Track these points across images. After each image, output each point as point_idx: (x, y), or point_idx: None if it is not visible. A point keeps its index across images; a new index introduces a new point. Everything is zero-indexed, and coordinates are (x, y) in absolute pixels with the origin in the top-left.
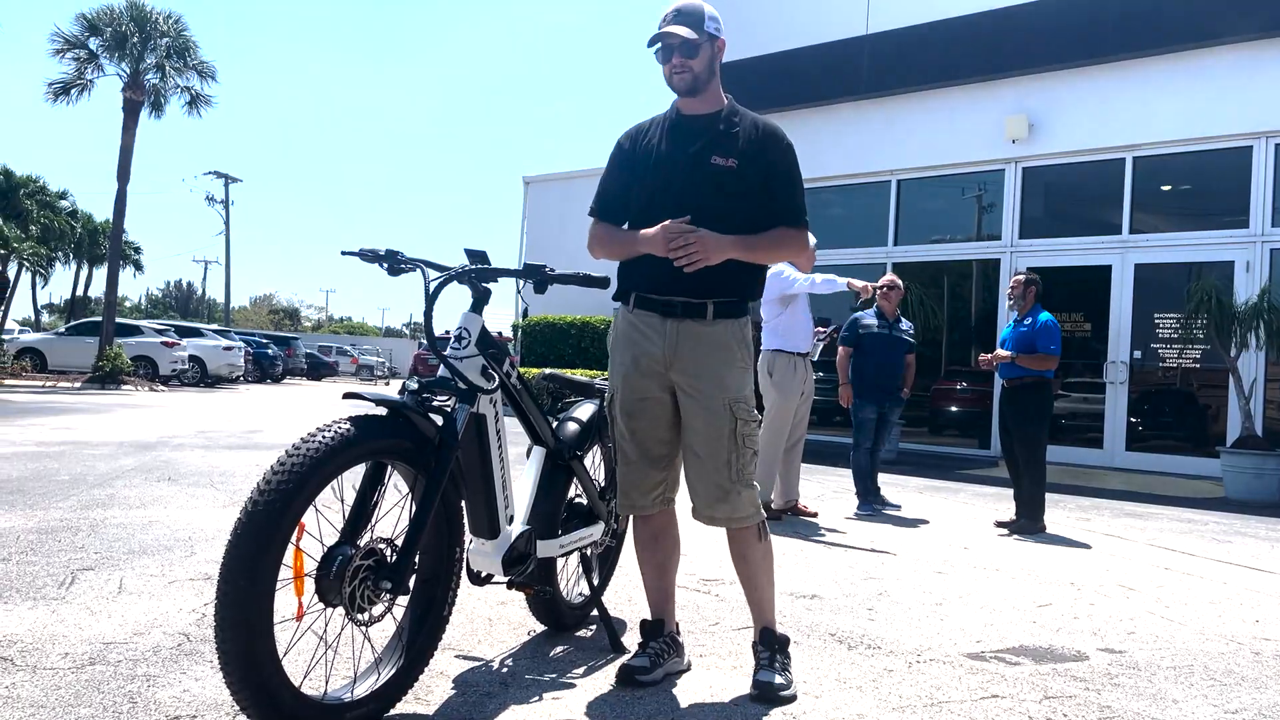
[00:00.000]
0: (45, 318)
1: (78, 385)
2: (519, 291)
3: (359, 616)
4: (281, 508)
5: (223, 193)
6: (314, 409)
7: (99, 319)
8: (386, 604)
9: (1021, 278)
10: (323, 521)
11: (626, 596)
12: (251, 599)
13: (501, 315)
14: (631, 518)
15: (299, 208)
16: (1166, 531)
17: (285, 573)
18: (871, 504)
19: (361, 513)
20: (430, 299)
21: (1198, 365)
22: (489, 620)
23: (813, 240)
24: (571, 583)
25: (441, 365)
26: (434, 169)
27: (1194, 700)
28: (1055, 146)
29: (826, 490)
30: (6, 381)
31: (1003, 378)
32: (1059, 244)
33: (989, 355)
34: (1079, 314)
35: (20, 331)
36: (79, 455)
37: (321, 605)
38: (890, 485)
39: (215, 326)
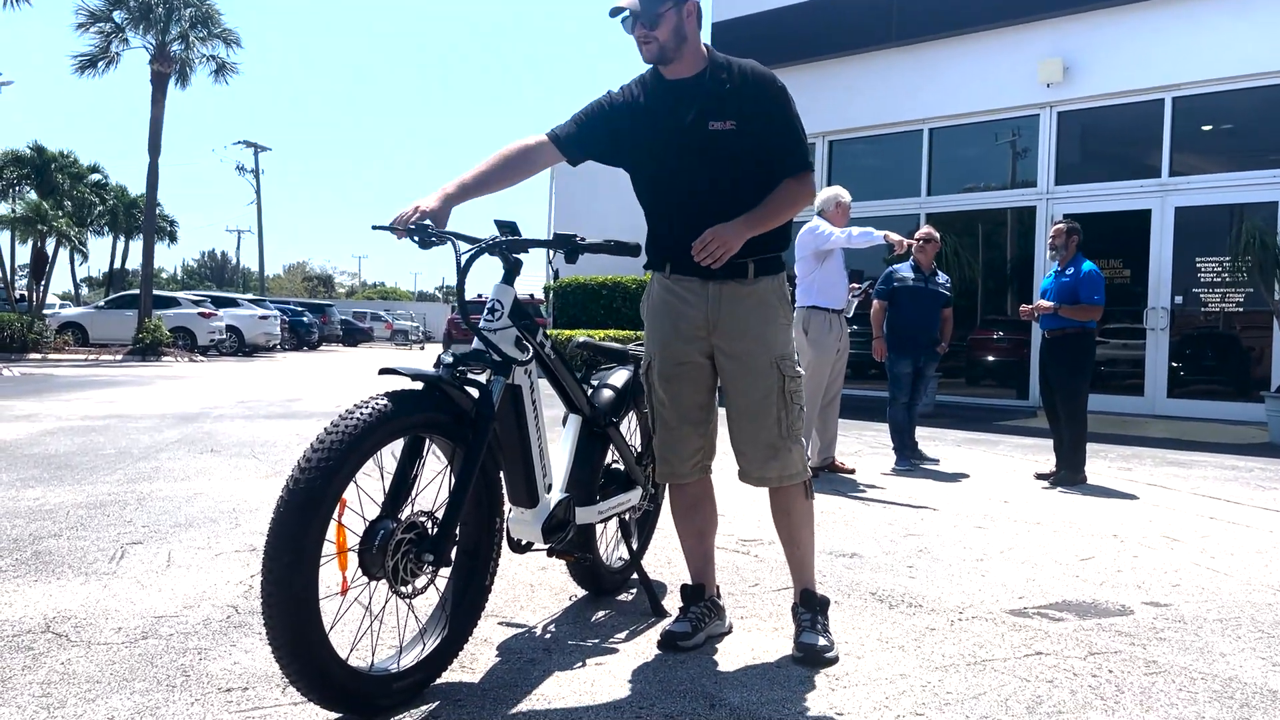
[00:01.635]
0: (85, 291)
1: (119, 358)
2: (549, 261)
3: (402, 589)
4: (323, 485)
5: (252, 162)
6: (350, 376)
7: (137, 292)
8: (429, 576)
9: (1063, 226)
10: (364, 495)
11: (665, 559)
12: (296, 576)
13: (532, 278)
14: (668, 486)
15: (329, 174)
16: (1210, 479)
17: (329, 548)
18: (909, 459)
19: (402, 486)
20: (462, 272)
21: (1241, 309)
22: (531, 586)
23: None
24: (611, 547)
25: (475, 337)
26: (464, 131)
27: (1242, 654)
28: (1091, 89)
29: (864, 445)
30: (51, 356)
31: (1044, 329)
32: (1096, 189)
33: (1030, 306)
34: (1118, 260)
35: (61, 306)
36: (123, 429)
37: (365, 579)
38: (928, 439)
39: (250, 296)
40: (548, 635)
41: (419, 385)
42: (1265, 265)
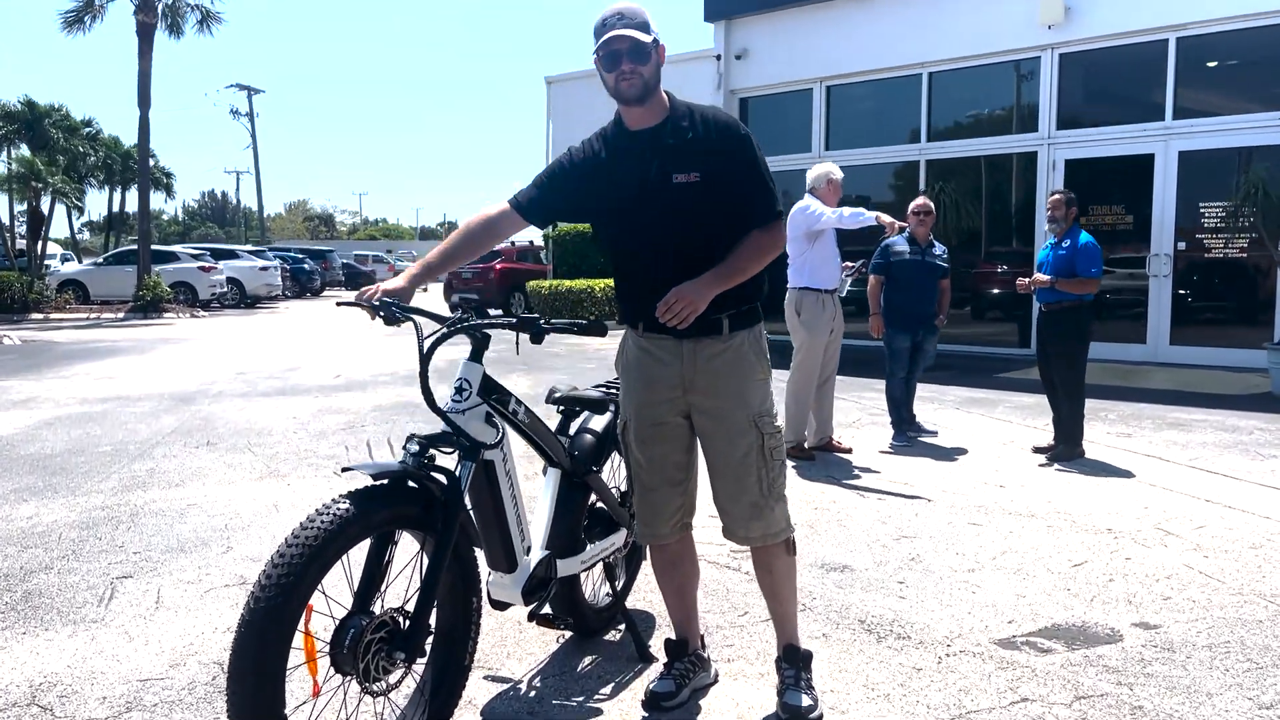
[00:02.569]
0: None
1: (120, 316)
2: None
3: (374, 688)
4: (282, 603)
5: (246, 105)
6: (349, 333)
7: (135, 248)
8: (403, 670)
9: (1061, 197)
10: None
11: (653, 585)
12: (260, 698)
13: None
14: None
15: (324, 114)
16: (1209, 446)
17: (299, 651)
18: (906, 434)
19: (372, 579)
20: (424, 359)
21: (1244, 255)
22: (519, 624)
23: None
24: (597, 584)
25: (442, 420)
26: (459, 69)
27: (1229, 693)
28: (1093, 30)
29: (863, 413)
30: (53, 316)
31: (1041, 302)
32: (1099, 133)
33: (1027, 280)
34: (1120, 206)
35: (62, 258)
36: (120, 416)
37: (338, 675)
38: (928, 400)
39: (250, 247)
40: (532, 693)
41: (384, 480)
42: (1268, 215)
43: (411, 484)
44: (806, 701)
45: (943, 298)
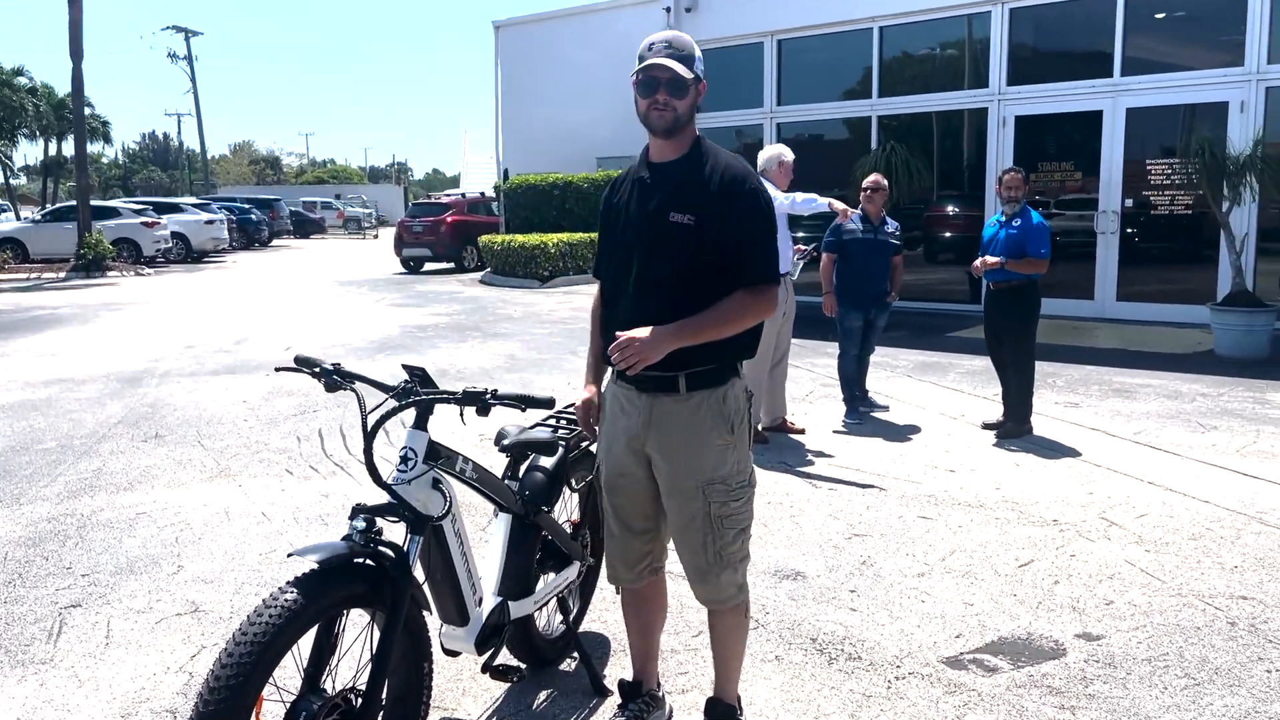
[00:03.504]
0: (22, 181)
1: (62, 276)
2: (499, 159)
3: None
4: (232, 705)
5: (184, 48)
6: (300, 294)
7: (75, 203)
8: None
9: (1019, 175)
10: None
11: (605, 607)
12: None
13: (481, 174)
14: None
15: (267, 51)
16: (1152, 417)
17: None
18: (859, 410)
19: (320, 656)
20: (369, 437)
21: (1189, 213)
22: (474, 663)
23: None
24: (550, 614)
25: (386, 492)
26: (405, 4)
27: (1166, 716)
28: None
29: (816, 385)
30: None
31: (990, 280)
32: (1048, 89)
33: (979, 263)
34: (1069, 162)
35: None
36: (64, 404)
37: None
38: (880, 365)
39: (194, 199)
40: None
41: (329, 565)
42: (1214, 176)
43: (358, 560)
44: None
45: (895, 274)
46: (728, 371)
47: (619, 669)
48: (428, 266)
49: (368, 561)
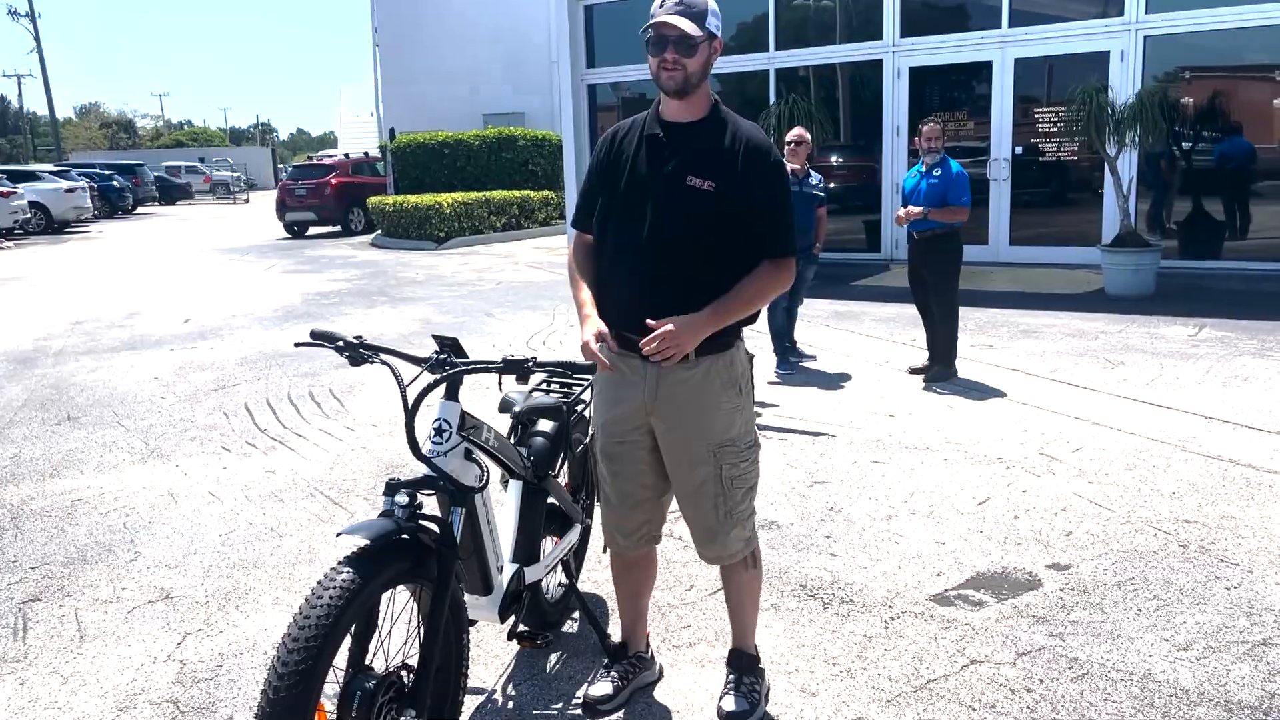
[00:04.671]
0: None
1: None
2: (377, 113)
3: None
4: (302, 693)
5: (25, 3)
6: (182, 263)
7: None
8: None
9: (937, 126)
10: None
11: (593, 563)
12: None
13: (361, 133)
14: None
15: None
16: (1064, 355)
17: None
18: (790, 363)
19: (364, 635)
20: (411, 411)
21: (1075, 159)
22: (478, 629)
23: None
24: (547, 577)
25: (425, 465)
26: None
27: (1147, 637)
28: None
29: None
30: None
31: (914, 230)
32: (940, 41)
33: (903, 213)
34: (962, 112)
35: None
36: None
37: None
38: (798, 317)
39: (51, 166)
40: (510, 704)
41: (380, 542)
42: (1099, 121)
43: (407, 539)
44: (742, 707)
45: (820, 226)
46: (732, 334)
47: (618, 627)
48: (312, 231)
49: (412, 536)
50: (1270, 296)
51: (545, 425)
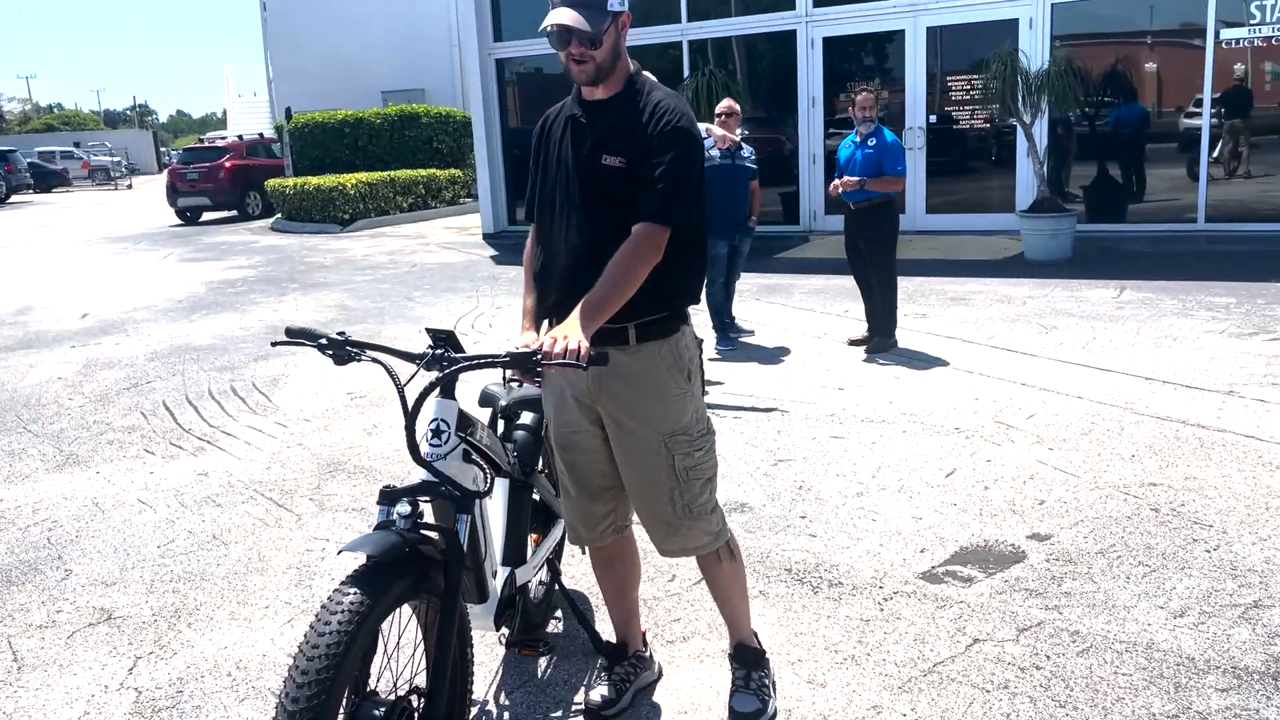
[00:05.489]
0: None
1: None
2: (269, 91)
3: None
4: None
5: None
6: (68, 251)
7: None
8: None
9: (871, 95)
10: None
11: (574, 556)
12: None
13: (253, 112)
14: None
15: None
16: (997, 322)
17: None
18: (729, 338)
19: (368, 656)
20: (412, 413)
21: (987, 126)
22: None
23: None
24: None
25: (425, 470)
26: None
27: (1142, 605)
28: None
29: None
30: None
31: (849, 201)
32: (852, 10)
33: (837, 183)
34: (876, 81)
35: None
36: None
37: None
38: None
39: None
40: (507, 715)
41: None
42: (1013, 87)
43: (413, 552)
44: (753, 706)
45: (753, 199)
46: (677, 320)
47: (606, 625)
48: (207, 216)
49: (414, 548)
50: (1178, 257)
51: (527, 418)
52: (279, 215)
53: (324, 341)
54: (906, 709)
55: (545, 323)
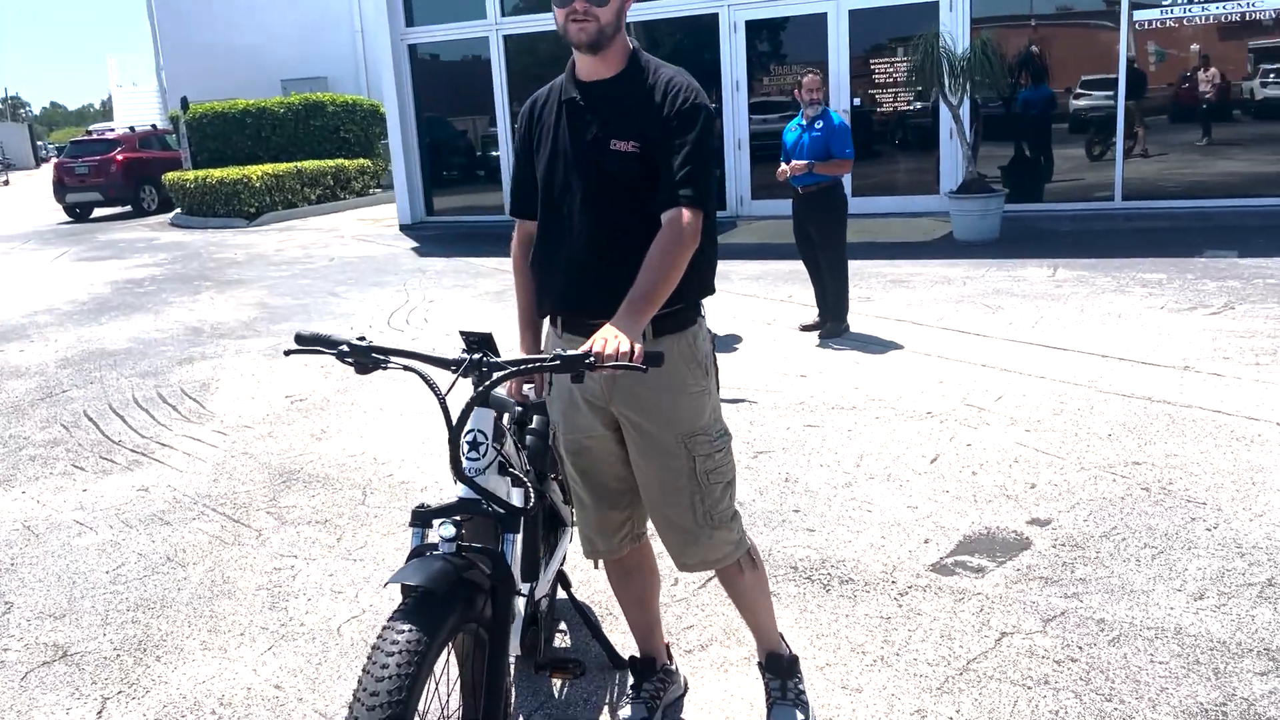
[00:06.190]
0: None
1: None
2: (158, 76)
3: None
4: None
5: None
6: None
7: None
8: None
9: (817, 77)
10: None
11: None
12: None
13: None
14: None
15: None
16: (942, 303)
17: None
18: None
19: None
20: (457, 426)
21: (910, 108)
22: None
23: None
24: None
25: (464, 486)
26: None
27: (1160, 589)
28: None
29: None
30: None
31: (798, 185)
32: None
33: (786, 167)
34: (799, 65)
35: None
36: None
37: None
38: None
39: None
40: None
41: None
42: (938, 70)
43: (463, 580)
44: (800, 717)
45: None
46: (693, 310)
47: (620, 635)
48: (99, 212)
49: (461, 574)
50: (1101, 235)
51: (537, 422)
52: (178, 210)
53: (345, 348)
54: (951, 711)
55: (547, 326)
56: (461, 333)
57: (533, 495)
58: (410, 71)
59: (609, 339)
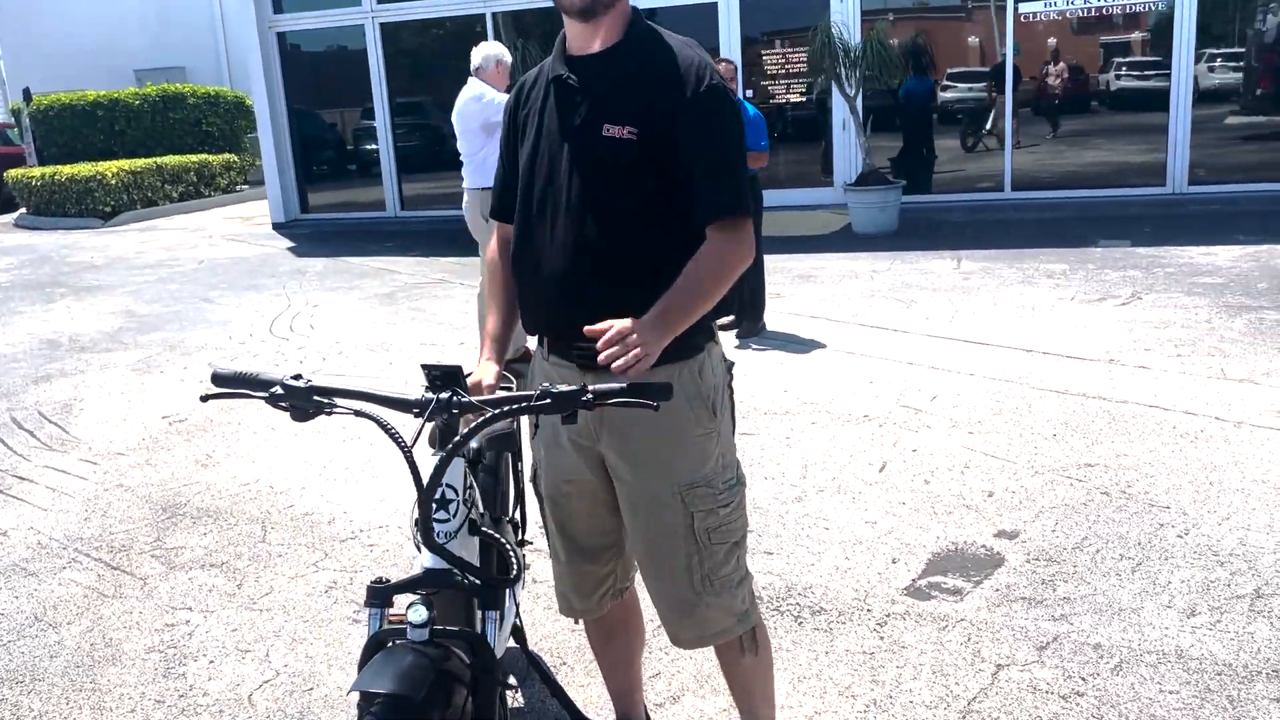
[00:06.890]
0: None
1: None
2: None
3: None
4: None
5: None
6: None
7: None
8: None
9: (731, 66)
10: None
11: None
12: None
13: None
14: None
15: None
16: (854, 298)
17: None
18: None
19: None
20: (430, 484)
21: (803, 99)
22: None
23: None
24: None
25: (432, 556)
26: None
27: (1149, 607)
28: None
29: None
30: None
31: None
32: None
33: None
34: None
35: None
36: None
37: None
38: None
39: None
40: None
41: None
42: (834, 61)
43: (443, 675)
44: None
45: None
46: (702, 335)
47: (578, 690)
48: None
49: (439, 667)
50: (996, 225)
51: (488, 458)
52: (23, 210)
53: (279, 390)
54: None
55: (536, 345)
56: (423, 366)
57: (519, 564)
58: (280, 62)
59: (628, 343)
